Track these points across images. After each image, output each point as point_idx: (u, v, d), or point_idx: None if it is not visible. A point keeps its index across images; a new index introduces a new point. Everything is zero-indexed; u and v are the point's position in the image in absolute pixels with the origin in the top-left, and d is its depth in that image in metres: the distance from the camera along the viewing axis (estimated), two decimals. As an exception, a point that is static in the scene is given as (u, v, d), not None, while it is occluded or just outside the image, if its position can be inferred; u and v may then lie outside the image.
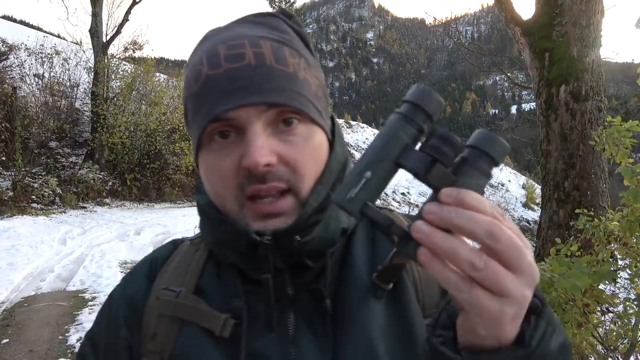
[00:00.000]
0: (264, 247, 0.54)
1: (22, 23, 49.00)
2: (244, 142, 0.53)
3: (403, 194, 16.67)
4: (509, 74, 11.18)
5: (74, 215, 10.65)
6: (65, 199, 11.43)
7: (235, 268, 0.60)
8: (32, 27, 31.00)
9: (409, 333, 0.57)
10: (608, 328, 2.32)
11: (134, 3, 15.66)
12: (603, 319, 2.40)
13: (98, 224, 9.80)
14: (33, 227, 8.82)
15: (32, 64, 14.10)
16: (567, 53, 4.26)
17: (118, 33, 15.34)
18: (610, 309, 2.43)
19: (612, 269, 1.93)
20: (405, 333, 0.57)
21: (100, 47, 14.54)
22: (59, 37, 19.86)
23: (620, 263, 2.32)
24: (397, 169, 0.39)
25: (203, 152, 0.57)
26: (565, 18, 4.28)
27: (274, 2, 27.07)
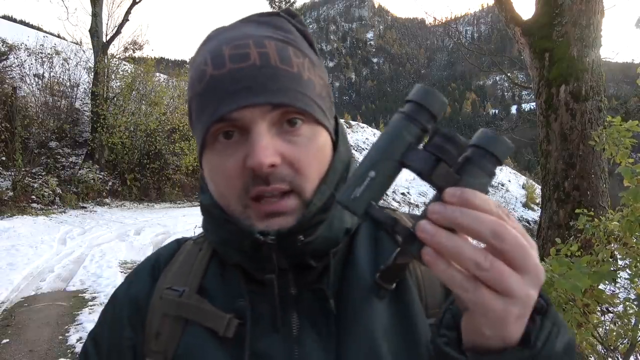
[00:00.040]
0: (268, 246, 0.54)
1: (22, 23, 49.00)
2: (249, 142, 0.53)
3: (403, 194, 16.67)
4: (509, 74, 11.18)
5: (74, 215, 10.65)
6: (65, 199, 11.43)
7: (239, 268, 0.60)
8: (32, 27, 31.01)
9: (412, 333, 0.56)
10: (608, 328, 2.31)
11: (134, 3, 15.68)
12: (603, 319, 2.40)
13: (98, 224, 9.80)
14: (33, 227, 8.82)
15: (32, 64, 14.11)
16: (567, 53, 4.26)
17: (118, 33, 15.36)
18: (610, 309, 2.43)
19: (612, 269, 1.92)
20: (408, 333, 0.56)
21: (100, 47, 14.55)
22: (59, 37, 19.87)
23: (620, 263, 2.31)
24: (401, 169, 0.39)
25: (207, 152, 0.57)
26: (565, 18, 4.27)
27: (274, 2, 27.07)
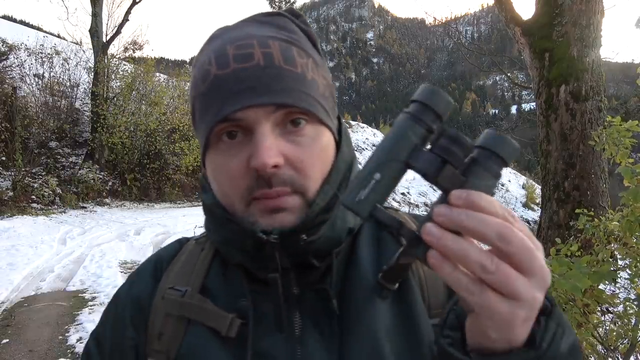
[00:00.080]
0: (271, 245, 0.54)
1: (22, 23, 48.98)
2: (252, 142, 0.53)
3: (403, 194, 16.67)
4: (509, 74, 11.18)
5: (74, 215, 10.65)
6: (65, 199, 11.43)
7: (241, 267, 0.60)
8: (32, 27, 31.00)
9: (415, 333, 0.56)
10: (608, 328, 2.31)
11: (134, 3, 15.69)
12: (603, 319, 2.40)
13: (98, 224, 9.80)
14: (33, 227, 8.82)
15: (32, 64, 14.11)
16: (567, 53, 4.26)
17: (118, 33, 15.36)
18: (610, 309, 2.43)
19: (612, 269, 1.92)
20: (411, 333, 0.56)
21: (100, 47, 14.55)
22: (59, 37, 19.87)
23: (620, 263, 2.31)
24: (406, 170, 0.39)
25: (211, 152, 0.57)
26: (565, 18, 4.27)
27: (274, 2, 27.07)
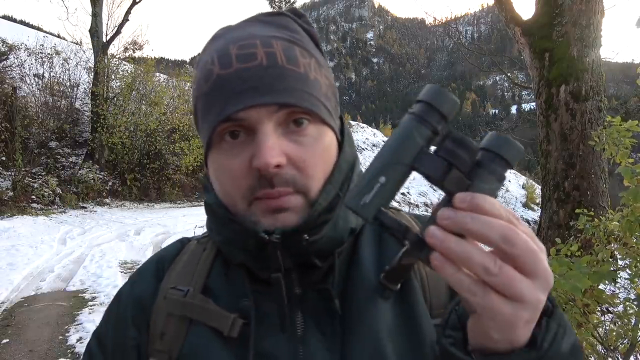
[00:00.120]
0: (273, 245, 0.54)
1: (22, 23, 48.99)
2: (255, 142, 0.53)
3: (403, 194, 16.66)
4: (509, 74, 11.17)
5: (74, 215, 10.66)
6: (65, 199, 11.44)
7: (244, 267, 0.60)
8: (32, 27, 31.01)
9: (417, 334, 0.56)
10: (608, 328, 2.31)
11: (134, 3, 15.69)
12: (603, 319, 2.40)
13: (98, 224, 9.80)
14: (33, 227, 8.82)
15: (32, 64, 14.11)
16: (567, 53, 4.26)
17: (118, 33, 15.37)
18: (610, 309, 2.43)
19: (612, 269, 1.92)
20: (413, 333, 0.56)
21: (100, 47, 14.55)
22: (59, 37, 19.87)
23: (620, 263, 2.31)
24: (411, 172, 0.38)
25: (213, 152, 0.57)
26: (565, 18, 4.27)
27: (274, 2, 27.07)
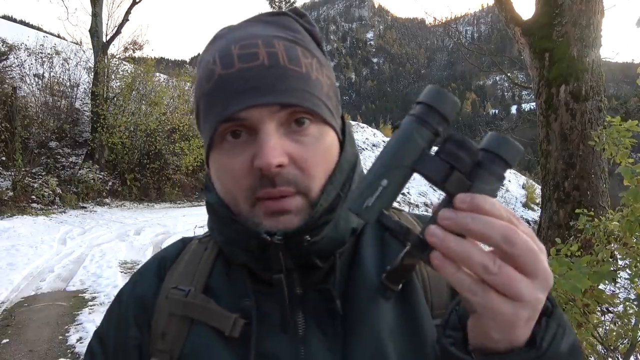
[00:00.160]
0: (275, 246, 0.54)
1: (22, 23, 48.99)
2: (257, 142, 0.53)
3: (403, 194, 16.66)
4: (509, 74, 11.18)
5: (74, 215, 10.66)
6: (65, 199, 11.43)
7: (245, 267, 0.60)
8: (32, 27, 31.01)
9: (418, 334, 0.56)
10: (608, 328, 2.31)
11: (134, 3, 15.69)
12: (603, 319, 2.40)
13: (98, 224, 9.80)
14: (33, 227, 8.82)
15: (32, 64, 14.11)
16: (567, 53, 4.26)
17: (118, 33, 15.36)
18: (610, 309, 2.43)
19: (612, 269, 1.92)
20: (415, 334, 0.56)
21: (100, 47, 14.55)
22: (59, 37, 19.86)
23: (620, 263, 2.31)
24: (412, 174, 0.39)
25: (215, 151, 0.57)
26: (565, 18, 4.27)
27: (274, 2, 27.07)
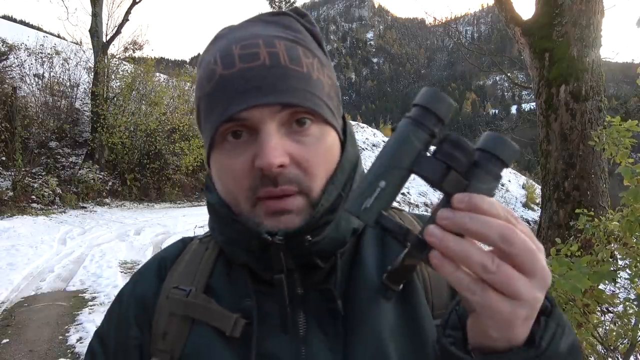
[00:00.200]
0: (276, 247, 0.54)
1: (22, 23, 48.97)
2: (258, 142, 0.53)
3: (403, 194, 16.66)
4: (509, 74, 11.18)
5: (74, 215, 10.65)
6: (65, 199, 11.43)
7: (246, 267, 0.60)
8: (32, 27, 31.00)
9: (419, 334, 0.56)
10: (608, 328, 2.31)
11: (134, 3, 15.68)
12: (603, 319, 2.40)
13: (98, 224, 9.80)
14: (33, 227, 8.82)
15: (32, 64, 14.11)
16: (567, 53, 4.26)
17: (118, 33, 15.36)
18: (610, 309, 2.43)
19: (612, 269, 1.92)
20: (416, 334, 0.56)
21: (100, 47, 14.55)
22: (59, 37, 19.86)
23: (620, 263, 2.31)
24: (409, 175, 0.39)
25: (216, 151, 0.57)
26: (565, 18, 4.27)
27: (274, 2, 27.07)
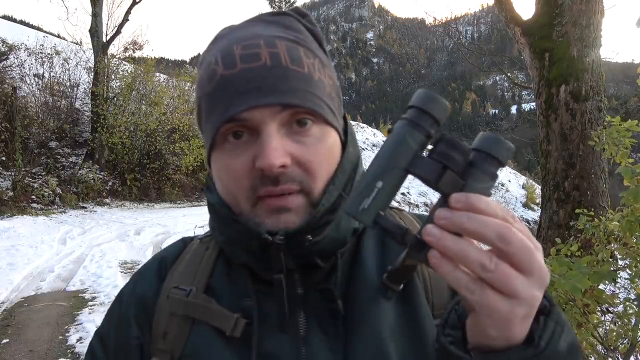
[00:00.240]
0: (276, 247, 0.54)
1: (22, 23, 48.97)
2: (258, 143, 0.53)
3: (403, 194, 16.66)
4: (509, 74, 11.18)
5: (74, 215, 10.65)
6: (65, 199, 11.43)
7: (246, 267, 0.60)
8: (32, 27, 31.00)
9: (419, 334, 0.56)
10: (608, 328, 2.31)
11: (134, 3, 15.68)
12: (603, 319, 2.40)
13: (98, 224, 9.80)
14: (33, 227, 8.82)
15: (32, 64, 14.11)
16: (567, 53, 4.26)
17: (118, 33, 15.36)
18: (610, 309, 2.43)
19: (612, 269, 1.92)
20: (416, 334, 0.56)
21: (100, 47, 14.55)
22: (59, 37, 19.86)
23: (620, 263, 2.31)
24: (406, 176, 0.39)
25: (216, 152, 0.57)
26: (565, 18, 4.27)
27: (274, 2, 27.08)
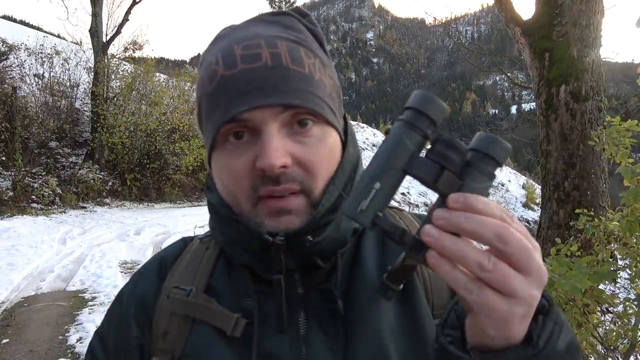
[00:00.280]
0: (277, 247, 0.54)
1: (22, 23, 48.98)
2: (259, 143, 0.53)
3: (403, 194, 16.66)
4: (509, 74, 11.17)
5: (74, 215, 10.66)
6: (65, 199, 11.43)
7: (247, 267, 0.60)
8: (32, 27, 31.01)
9: (419, 334, 0.57)
10: (608, 328, 2.31)
11: (134, 3, 15.69)
12: (603, 319, 2.40)
13: (98, 224, 9.80)
14: (33, 227, 8.82)
15: (32, 64, 14.11)
16: (567, 53, 4.26)
17: (118, 33, 15.36)
18: (610, 309, 2.43)
19: (612, 269, 1.92)
20: (416, 334, 0.57)
21: (100, 47, 14.55)
22: (59, 37, 19.86)
23: (620, 263, 2.31)
24: (404, 176, 0.39)
25: (217, 152, 0.57)
26: (565, 18, 4.27)
27: (274, 2, 27.08)
